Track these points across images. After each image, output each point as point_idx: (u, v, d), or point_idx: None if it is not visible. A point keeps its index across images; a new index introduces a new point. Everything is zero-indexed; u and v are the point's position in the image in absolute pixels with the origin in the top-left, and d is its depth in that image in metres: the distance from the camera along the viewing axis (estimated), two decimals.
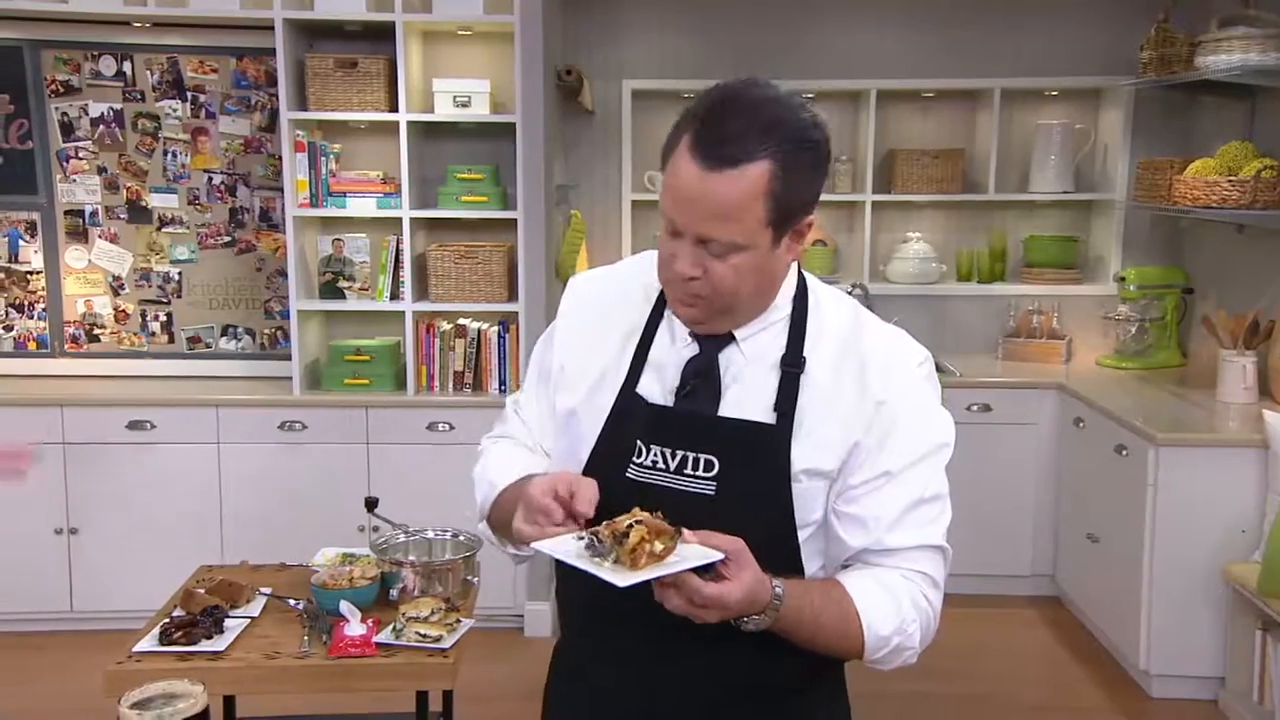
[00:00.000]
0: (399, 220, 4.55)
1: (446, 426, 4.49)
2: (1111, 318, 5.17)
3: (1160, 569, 3.99)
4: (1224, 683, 4.00)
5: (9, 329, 4.80)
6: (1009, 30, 5.22)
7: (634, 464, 1.52)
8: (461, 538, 2.70)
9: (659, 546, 1.34)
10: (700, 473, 1.49)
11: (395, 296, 4.60)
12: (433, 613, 2.38)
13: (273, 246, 4.81)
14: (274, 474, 4.49)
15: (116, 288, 4.82)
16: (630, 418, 1.54)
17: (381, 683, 2.32)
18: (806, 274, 1.60)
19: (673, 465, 1.50)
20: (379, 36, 4.50)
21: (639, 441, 1.52)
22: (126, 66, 4.67)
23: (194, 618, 2.41)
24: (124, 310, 4.83)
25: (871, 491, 1.50)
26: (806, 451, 1.49)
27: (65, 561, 4.49)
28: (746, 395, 1.51)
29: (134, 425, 4.46)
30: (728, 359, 1.53)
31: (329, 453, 4.50)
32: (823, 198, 4.97)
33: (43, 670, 4.27)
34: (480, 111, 4.49)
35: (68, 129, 4.69)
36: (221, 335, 4.88)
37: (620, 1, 5.24)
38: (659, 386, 1.55)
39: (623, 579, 1.30)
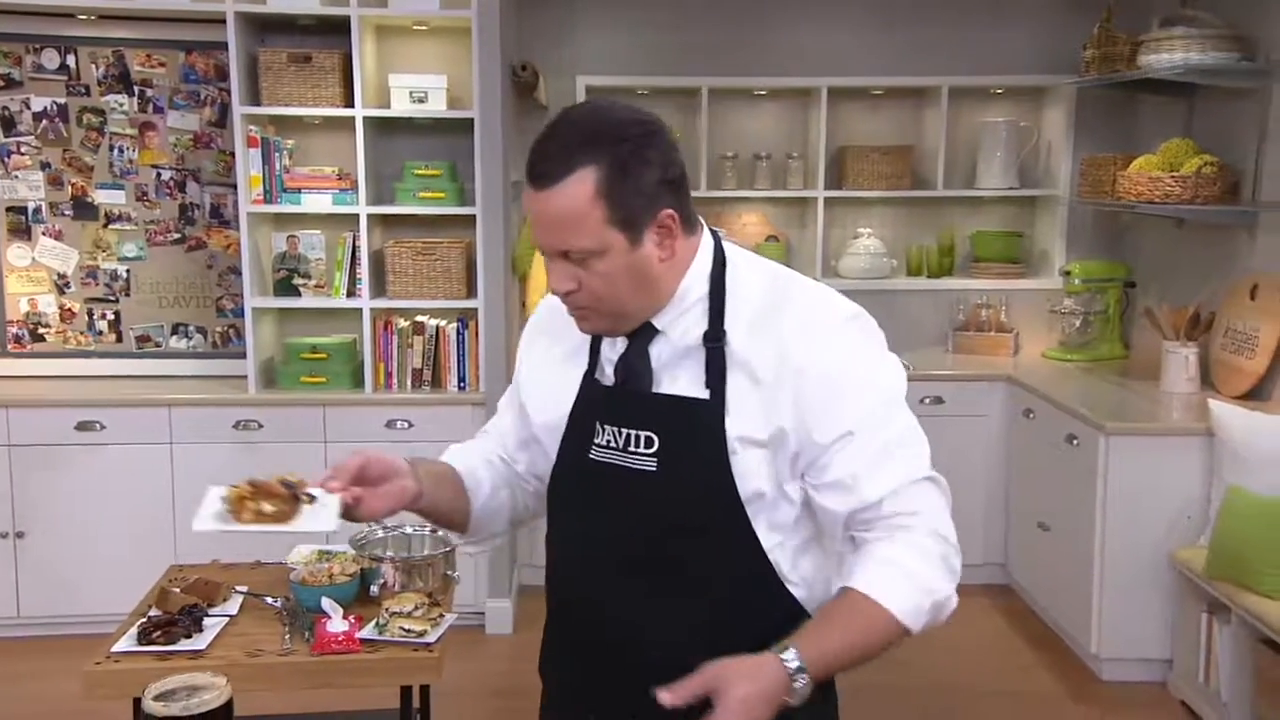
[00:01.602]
0: (355, 216, 4.53)
1: (405, 424, 4.49)
2: (1057, 311, 5.31)
3: (1110, 555, 4.11)
4: (1171, 665, 4.13)
5: None
6: (956, 30, 5.33)
7: (594, 445, 1.60)
8: (440, 533, 2.70)
9: (268, 507, 1.51)
10: (643, 449, 1.55)
11: (352, 294, 4.59)
12: (416, 608, 2.40)
13: (224, 243, 4.77)
14: (229, 474, 4.33)
15: (62, 286, 4.75)
16: (589, 402, 1.63)
17: (366, 679, 2.33)
18: (731, 246, 1.65)
19: (620, 443, 1.57)
20: (333, 31, 4.49)
21: (597, 422, 1.60)
22: (70, 59, 4.60)
23: (172, 617, 2.41)
24: (70, 309, 4.76)
25: (839, 454, 1.53)
26: (738, 422, 1.53)
27: (12, 566, 4.42)
28: (678, 374, 1.58)
29: (83, 426, 4.40)
30: (657, 349, 1.59)
31: (286, 452, 4.46)
32: (775, 194, 5.04)
33: None
34: (437, 107, 4.49)
35: (9, 123, 4.61)
36: (172, 334, 4.82)
37: None
38: (609, 374, 1.63)
39: (203, 524, 1.53)
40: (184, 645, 2.35)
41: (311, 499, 1.54)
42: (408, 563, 2.56)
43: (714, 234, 1.64)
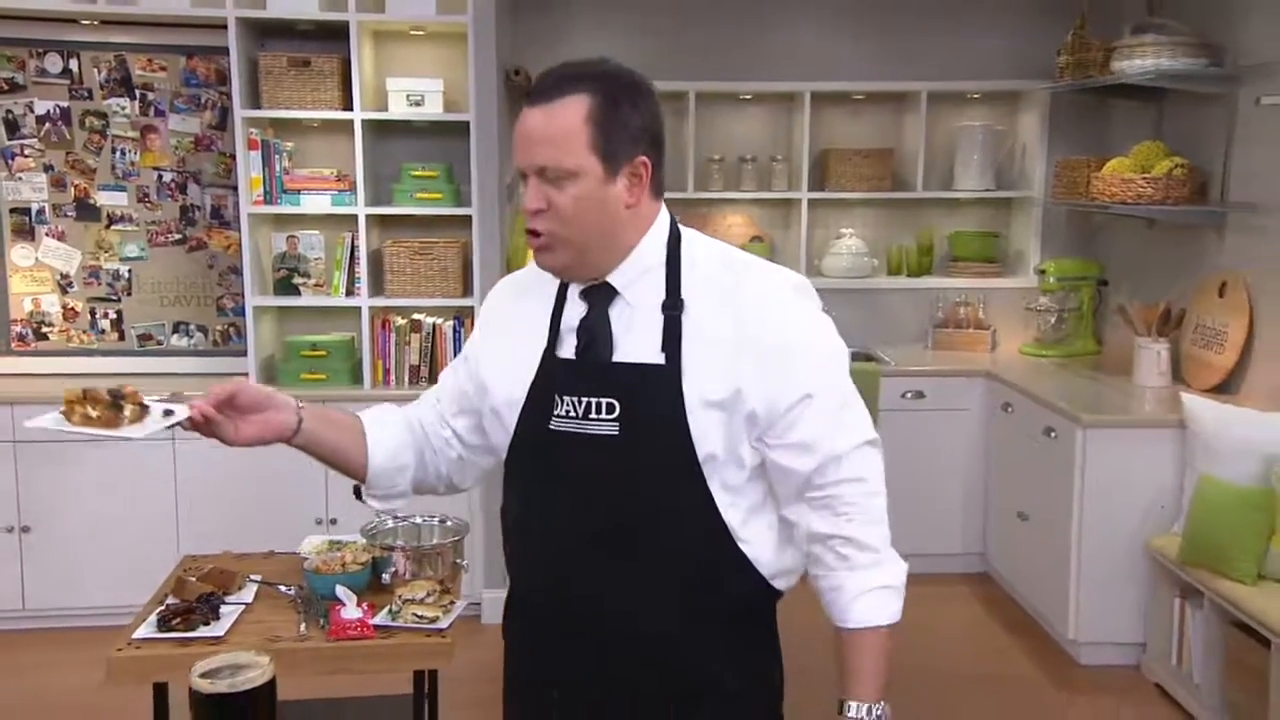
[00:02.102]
0: (354, 217, 4.54)
1: None
2: (1033, 308, 5.36)
3: (1087, 543, 4.15)
4: (1145, 649, 4.17)
5: None
6: (934, 36, 5.38)
7: (554, 416, 1.64)
8: (449, 523, 2.73)
9: (93, 413, 1.63)
10: (604, 415, 1.60)
11: (350, 292, 4.59)
12: (428, 594, 2.41)
13: (224, 244, 4.76)
14: (231, 469, 4.41)
15: (65, 285, 4.73)
16: (549, 376, 1.66)
17: (381, 664, 2.34)
18: (684, 227, 1.72)
19: (580, 411, 1.62)
20: (331, 36, 4.49)
21: (555, 395, 1.64)
22: (73, 64, 4.59)
23: (190, 604, 2.41)
24: (73, 308, 4.74)
25: (800, 416, 1.60)
26: (695, 384, 1.58)
27: (17, 560, 4.40)
28: (636, 341, 1.62)
29: None
30: (616, 312, 1.64)
31: (285, 447, 4.45)
32: (760, 195, 5.07)
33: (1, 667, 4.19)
34: (434, 110, 4.50)
35: (12, 127, 4.59)
36: (173, 332, 4.82)
37: (566, 4, 5.28)
38: (569, 347, 1.67)
39: (37, 422, 1.64)
40: (203, 632, 2.35)
41: (145, 410, 1.66)
42: (418, 551, 2.57)
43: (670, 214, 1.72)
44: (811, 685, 1.79)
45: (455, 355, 4.52)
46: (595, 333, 1.64)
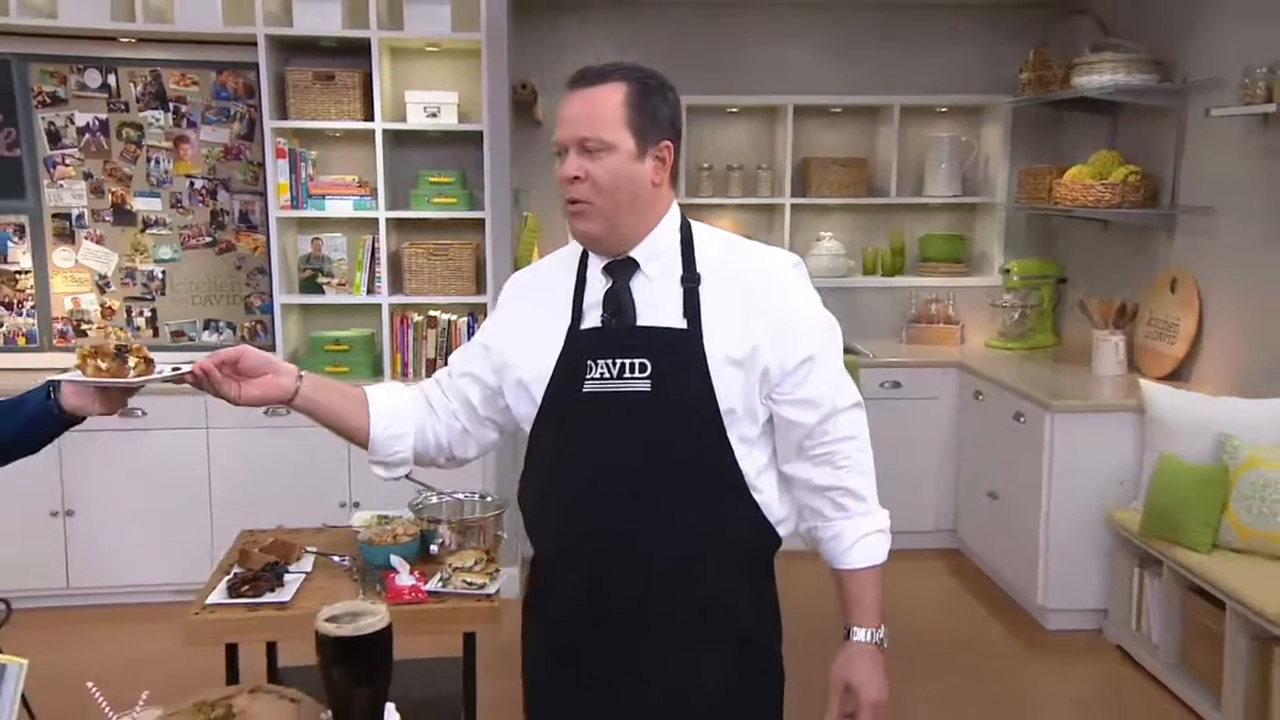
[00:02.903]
0: (374, 220, 4.56)
1: None
2: (998, 305, 5.45)
3: (1053, 518, 4.23)
4: (1107, 614, 4.26)
5: None
6: (906, 54, 5.46)
7: (587, 379, 1.70)
8: (489, 498, 2.77)
9: (102, 365, 1.73)
10: (637, 374, 1.67)
11: (371, 291, 4.61)
12: (475, 563, 2.45)
13: (252, 246, 4.77)
14: (261, 457, 4.46)
15: (103, 285, 4.72)
16: (577, 347, 1.72)
17: (435, 626, 2.38)
18: (688, 219, 1.82)
19: (614, 372, 1.68)
20: (352, 52, 4.50)
21: (588, 360, 1.70)
22: (111, 79, 4.58)
23: (257, 573, 2.43)
24: (110, 306, 4.74)
25: (805, 376, 1.70)
26: (715, 345, 1.67)
27: (62, 541, 4.40)
28: (659, 310, 1.70)
29: (125, 413, 4.38)
30: (638, 285, 1.72)
31: (312, 435, 4.42)
32: (746, 201, 5.13)
33: (47, 643, 4.18)
34: (449, 121, 4.53)
35: (55, 137, 4.58)
36: (204, 329, 4.82)
37: (565, 23, 5.33)
38: (595, 318, 1.73)
39: (64, 377, 1.74)
40: (269, 598, 2.37)
41: (150, 364, 1.77)
42: (462, 524, 2.61)
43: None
44: (825, 654, 1.86)
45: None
46: (621, 301, 1.71)
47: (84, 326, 4.73)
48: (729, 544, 1.74)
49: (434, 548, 2.58)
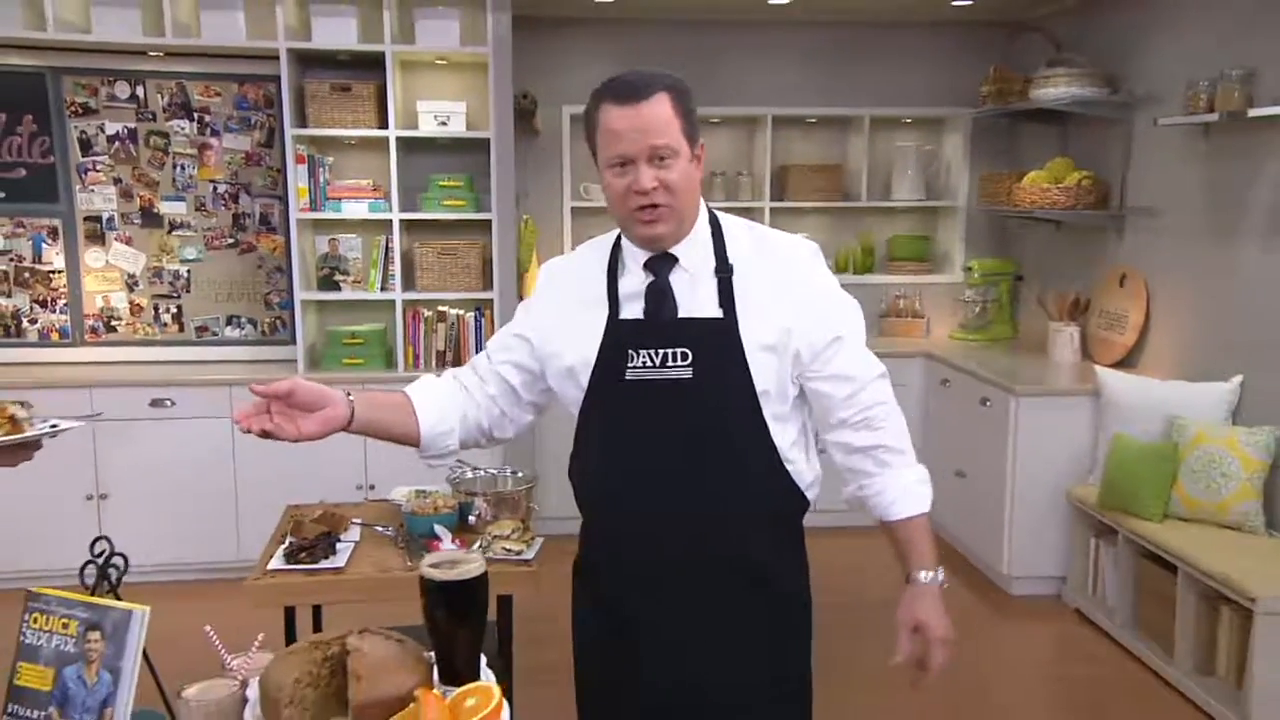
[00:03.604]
0: (388, 222, 4.61)
1: None
2: (960, 300, 5.58)
3: (1017, 494, 4.35)
4: (1066, 580, 4.38)
5: (34, 322, 4.68)
6: (875, 70, 5.56)
7: (629, 368, 1.72)
8: (521, 473, 2.84)
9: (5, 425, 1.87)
10: (679, 363, 1.70)
11: (385, 288, 4.66)
12: (513, 531, 2.52)
13: (271, 247, 4.81)
14: (283, 444, 4.47)
15: (131, 284, 4.75)
16: (618, 337, 1.74)
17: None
18: (711, 208, 1.86)
19: (657, 361, 1.71)
20: (367, 65, 4.55)
21: (630, 350, 1.72)
22: (139, 90, 4.60)
23: (312, 542, 2.49)
24: (138, 304, 4.76)
25: (835, 354, 1.75)
26: (750, 332, 1.71)
27: (96, 523, 4.41)
28: (697, 300, 1.73)
29: (155, 403, 4.42)
30: (676, 278, 1.74)
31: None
32: (728, 205, 5.23)
33: None
34: (457, 129, 4.58)
35: (86, 145, 4.60)
36: (227, 325, 4.85)
37: (561, 39, 5.39)
38: (635, 310, 1.76)
39: None
40: (324, 564, 2.43)
41: (14, 421, 1.95)
42: (497, 496, 2.67)
43: None
44: None
45: (477, 342, 4.67)
46: (664, 295, 1.73)
47: (114, 323, 4.75)
48: (765, 511, 1.79)
49: (472, 518, 2.63)
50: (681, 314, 1.73)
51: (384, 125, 4.53)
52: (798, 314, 1.73)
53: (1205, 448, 3.75)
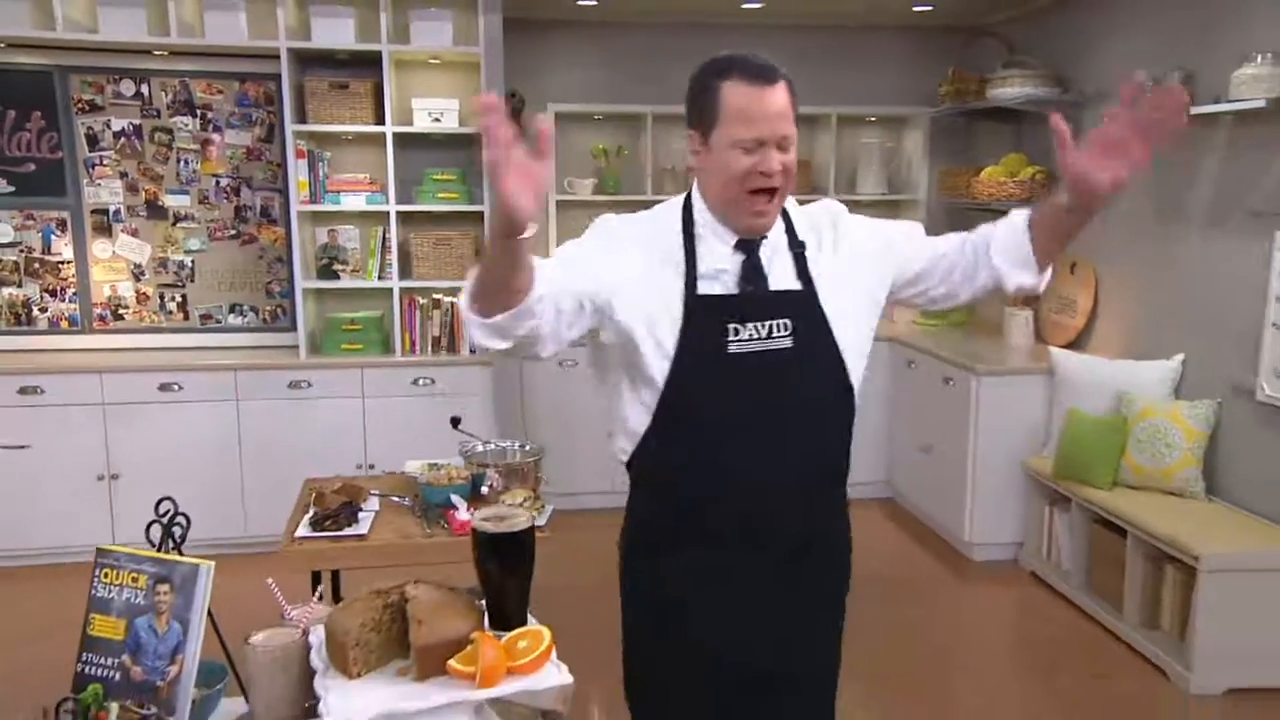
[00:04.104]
0: (385, 214, 4.63)
1: (428, 381, 4.62)
2: None
3: (979, 466, 4.46)
4: (1023, 546, 4.51)
5: (44, 310, 4.66)
6: (841, 71, 5.65)
7: (731, 342, 1.67)
8: (528, 446, 2.90)
9: None
10: (782, 333, 1.69)
11: (382, 276, 4.68)
12: (524, 500, 2.58)
13: (272, 238, 4.82)
14: (286, 425, 4.52)
15: (138, 274, 4.74)
16: (707, 312, 1.67)
17: None
18: None
19: (763, 333, 1.68)
20: (364, 63, 4.57)
21: (730, 325, 1.68)
22: (144, 88, 4.59)
23: (335, 511, 2.54)
24: (144, 293, 4.75)
25: (900, 248, 1.82)
26: (829, 300, 1.72)
27: (108, 502, 4.43)
28: (780, 276, 1.72)
29: (164, 387, 4.43)
30: (763, 255, 1.72)
31: (332, 405, 4.56)
32: None
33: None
34: (450, 125, 4.60)
35: (93, 140, 4.58)
36: (229, 312, 4.85)
37: (547, 41, 5.43)
38: (719, 286, 1.70)
39: None
40: (349, 531, 2.48)
41: None
42: (507, 467, 2.73)
43: None
44: None
45: None
46: (757, 270, 1.71)
47: (121, 311, 4.74)
48: (840, 473, 1.81)
49: (484, 488, 2.69)
50: (771, 287, 1.71)
51: (380, 121, 4.55)
52: (857, 259, 1.76)
53: (1150, 420, 3.88)
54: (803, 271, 1.73)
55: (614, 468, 1.86)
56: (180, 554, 1.63)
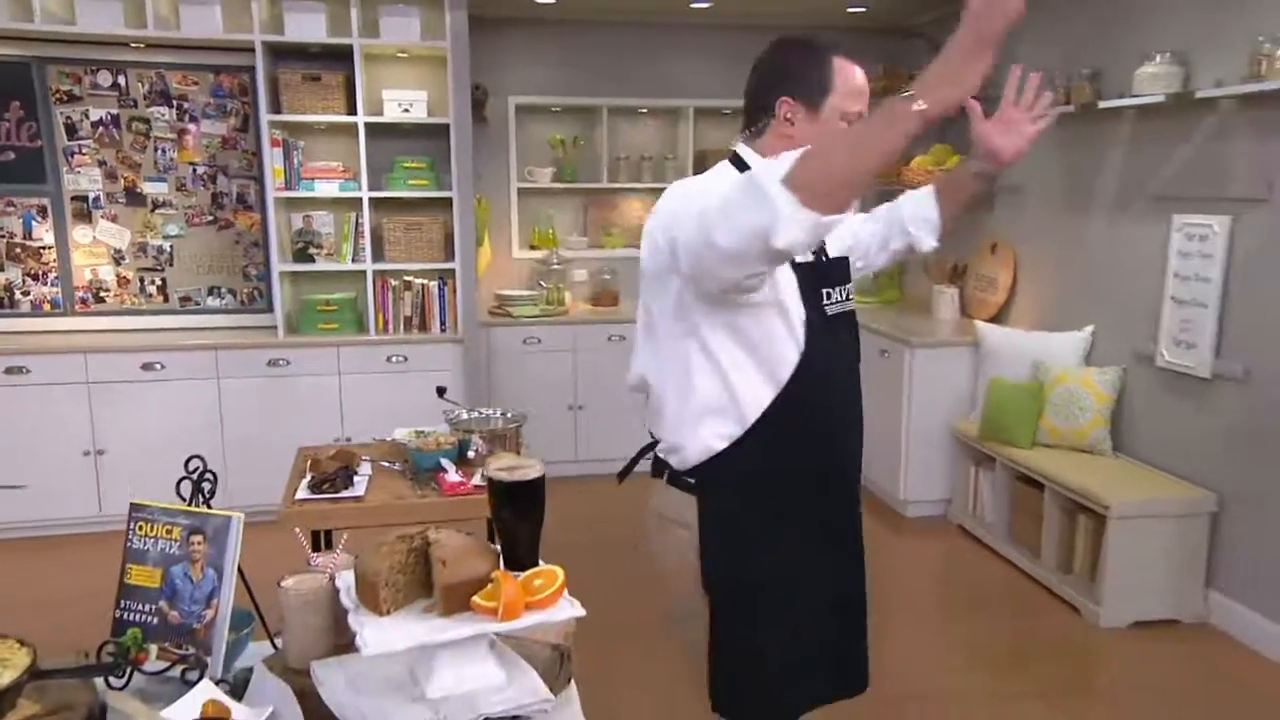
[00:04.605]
0: (358, 200, 4.63)
1: (401, 358, 4.66)
2: (855, 268, 5.83)
3: (912, 431, 4.63)
4: (950, 502, 4.70)
5: (26, 294, 4.59)
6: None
7: (826, 305, 1.74)
8: (509, 414, 2.95)
9: None
10: (851, 296, 1.82)
11: (356, 259, 4.69)
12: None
13: (248, 223, 4.80)
14: (265, 402, 4.52)
15: (118, 258, 4.69)
16: (810, 277, 1.71)
17: (482, 511, 2.56)
18: None
19: (844, 296, 1.79)
20: (336, 56, 4.55)
21: (824, 290, 1.74)
22: (121, 79, 4.53)
23: (332, 475, 2.58)
24: (125, 276, 4.70)
25: (853, 231, 2.03)
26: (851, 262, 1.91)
27: (94, 476, 4.40)
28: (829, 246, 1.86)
29: (146, 367, 4.41)
30: None
31: (309, 383, 4.57)
32: (655, 186, 5.47)
33: (84, 561, 4.20)
34: (419, 115, 4.63)
35: (71, 130, 4.51)
36: (208, 295, 4.82)
37: (508, 36, 5.46)
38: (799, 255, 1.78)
39: None
40: (346, 494, 2.54)
41: None
42: (492, 433, 2.80)
43: None
44: None
45: (441, 308, 4.75)
46: (825, 241, 1.81)
47: (102, 294, 4.69)
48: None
49: (471, 453, 2.75)
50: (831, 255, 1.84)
51: (352, 111, 4.55)
52: (851, 230, 1.96)
53: (1065, 386, 4.07)
54: (836, 239, 1.89)
55: (577, 438, 1.93)
56: (209, 508, 1.69)
